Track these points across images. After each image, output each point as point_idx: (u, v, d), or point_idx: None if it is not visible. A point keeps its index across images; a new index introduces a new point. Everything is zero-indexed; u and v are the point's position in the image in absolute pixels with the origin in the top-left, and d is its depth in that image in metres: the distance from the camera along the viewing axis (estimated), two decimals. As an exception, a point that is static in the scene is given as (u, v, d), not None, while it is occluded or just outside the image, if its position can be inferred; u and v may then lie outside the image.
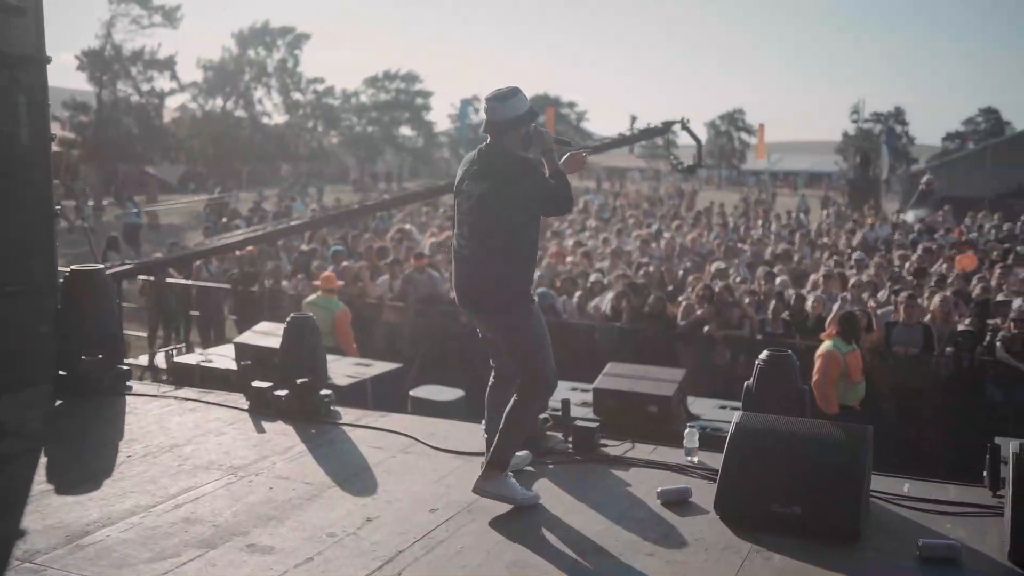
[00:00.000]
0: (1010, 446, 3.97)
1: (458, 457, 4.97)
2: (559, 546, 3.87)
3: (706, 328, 9.90)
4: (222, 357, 8.21)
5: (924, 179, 24.82)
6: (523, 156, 4.22)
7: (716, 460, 4.68)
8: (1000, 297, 10.28)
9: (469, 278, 4.31)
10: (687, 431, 4.98)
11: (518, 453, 4.50)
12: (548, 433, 5.26)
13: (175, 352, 8.68)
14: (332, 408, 5.79)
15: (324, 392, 5.81)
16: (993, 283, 11.49)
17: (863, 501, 3.98)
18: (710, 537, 3.94)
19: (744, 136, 68.25)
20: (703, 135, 57.68)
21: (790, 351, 4.95)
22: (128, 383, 6.34)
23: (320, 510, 4.23)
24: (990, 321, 9.53)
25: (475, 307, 4.39)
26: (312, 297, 9.75)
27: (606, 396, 6.99)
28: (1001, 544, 3.84)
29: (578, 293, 10.86)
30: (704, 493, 4.39)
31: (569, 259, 12.91)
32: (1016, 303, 9.49)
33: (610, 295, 10.71)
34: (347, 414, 5.75)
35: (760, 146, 55.04)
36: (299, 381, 5.73)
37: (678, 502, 4.31)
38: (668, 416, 6.64)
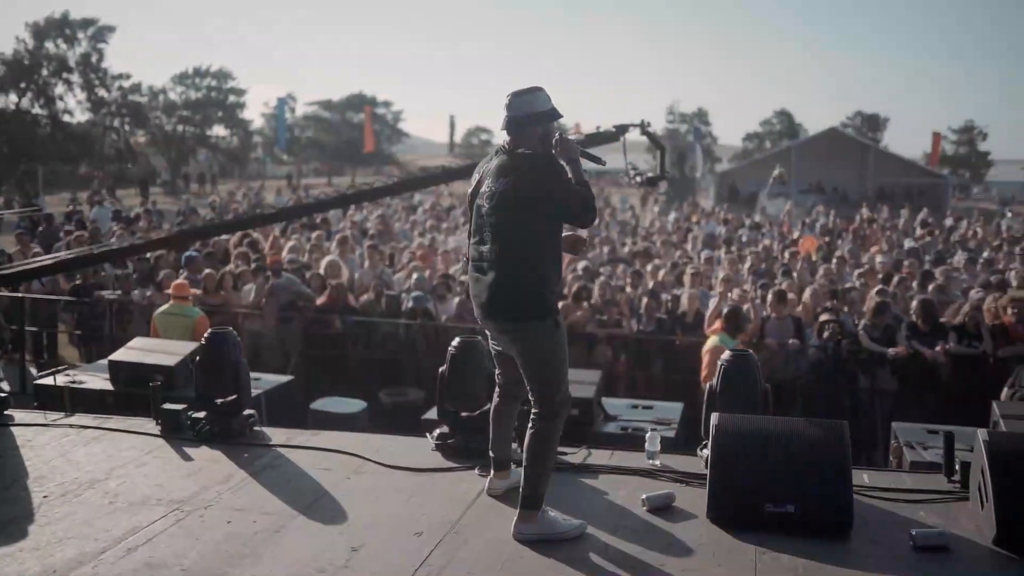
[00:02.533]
0: (978, 434, 4.16)
1: (417, 475, 4.72)
2: (569, 564, 3.72)
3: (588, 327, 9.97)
4: (93, 377, 7.49)
5: (776, 172, 26.15)
6: (548, 155, 3.96)
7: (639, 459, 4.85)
8: (848, 284, 10.90)
9: (493, 286, 3.92)
10: (648, 434, 4.95)
11: (570, 521, 4.05)
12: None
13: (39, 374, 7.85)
14: (256, 429, 5.39)
15: (248, 412, 5.40)
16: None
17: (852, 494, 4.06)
18: (712, 543, 3.91)
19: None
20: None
21: (750, 351, 5.00)
22: (6, 411, 5.67)
23: (296, 543, 3.89)
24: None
25: (498, 317, 3.99)
26: (164, 307, 9.01)
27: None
28: (976, 528, 4.02)
29: (456, 298, 10.67)
30: (682, 496, 4.38)
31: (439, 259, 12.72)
32: (872, 294, 10.07)
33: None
34: (274, 434, 5.37)
35: (576, 146, 56.52)
36: (220, 401, 5.30)
37: (664, 508, 4.26)
38: (590, 418, 6.59)
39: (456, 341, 5.18)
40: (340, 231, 15.40)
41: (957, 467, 4.58)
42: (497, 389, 4.39)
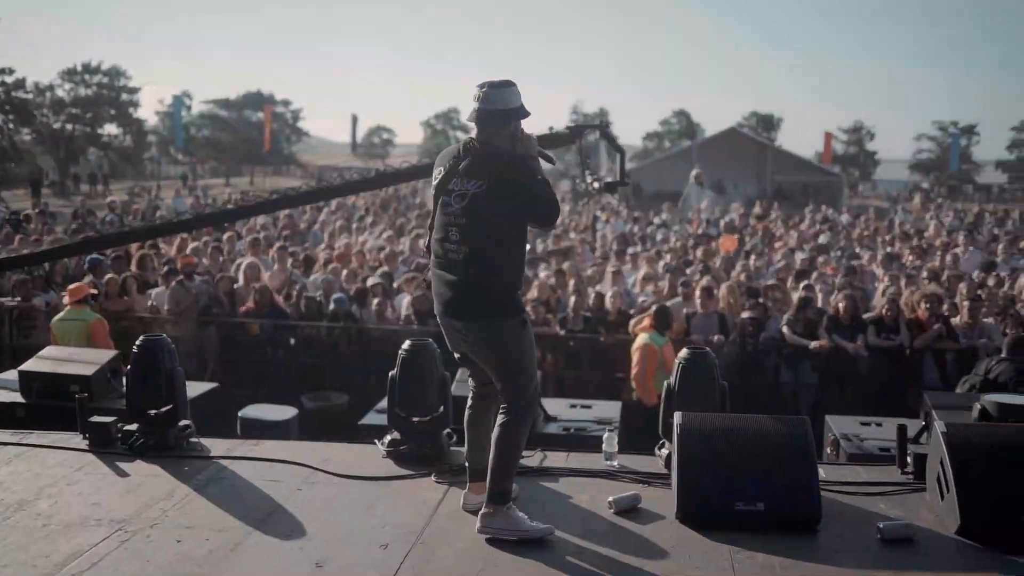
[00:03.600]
0: (936, 426, 4.22)
1: (371, 483, 4.55)
2: (544, 572, 3.62)
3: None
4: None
5: (694, 173, 26.54)
6: (521, 155, 3.86)
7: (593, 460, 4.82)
8: (771, 281, 11.11)
9: (460, 286, 3.85)
10: (606, 435, 4.89)
11: (537, 524, 3.98)
12: (453, 449, 4.97)
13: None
14: (194, 440, 5.12)
15: (185, 423, 5.13)
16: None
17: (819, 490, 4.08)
18: (684, 544, 3.86)
19: (461, 135, 69.65)
20: (418, 136, 57.72)
21: (707, 349, 4.99)
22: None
23: (255, 560, 3.68)
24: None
25: (465, 316, 3.90)
26: (61, 313, 8.51)
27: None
28: (937, 518, 4.08)
29: (376, 299, 10.43)
30: (646, 497, 4.33)
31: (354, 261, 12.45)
32: (800, 289, 10.27)
33: (408, 298, 10.41)
34: (213, 446, 5.11)
35: (479, 145, 56.57)
36: (154, 412, 5.01)
37: (630, 510, 4.20)
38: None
39: (407, 344, 5.02)
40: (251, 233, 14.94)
41: (910, 459, 4.65)
42: (471, 392, 4.26)
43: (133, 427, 5.02)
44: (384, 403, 7.12)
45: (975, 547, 3.82)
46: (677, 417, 4.30)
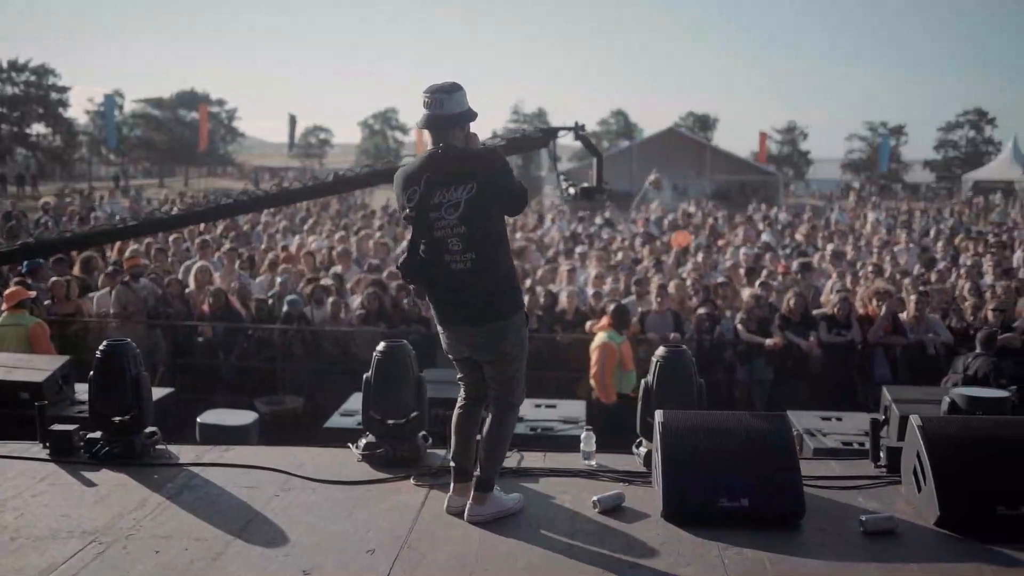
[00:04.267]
0: (911, 420, 4.30)
1: (350, 488, 4.48)
2: (537, 573, 3.59)
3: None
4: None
5: (652, 178, 26.73)
6: (499, 152, 3.87)
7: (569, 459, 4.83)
8: (721, 279, 11.23)
9: (472, 295, 3.87)
10: (584, 435, 4.88)
11: (511, 495, 4.22)
12: (430, 451, 4.92)
13: None
14: (160, 447, 4.99)
15: (150, 430, 4.98)
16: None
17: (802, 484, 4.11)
18: (673, 542, 3.86)
19: (399, 135, 69.29)
20: (355, 135, 57.04)
21: (684, 347, 5.00)
22: None
23: (240, 570, 3.59)
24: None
25: (478, 323, 3.92)
26: (-1, 319, 8.20)
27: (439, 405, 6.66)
28: (915, 510, 4.15)
29: (331, 299, 10.29)
30: (628, 495, 4.33)
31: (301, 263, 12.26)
32: (746, 289, 10.40)
33: (359, 298, 10.30)
34: (181, 452, 4.98)
35: (419, 144, 56.28)
36: (118, 419, 4.86)
37: (615, 509, 4.19)
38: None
39: (381, 346, 4.96)
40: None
41: (882, 453, 4.73)
42: (461, 394, 4.24)
43: (97, 435, 4.87)
44: (348, 405, 7.09)
45: (954, 538, 3.89)
46: (658, 415, 4.31)
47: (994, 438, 4.13)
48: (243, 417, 7.08)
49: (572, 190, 4.72)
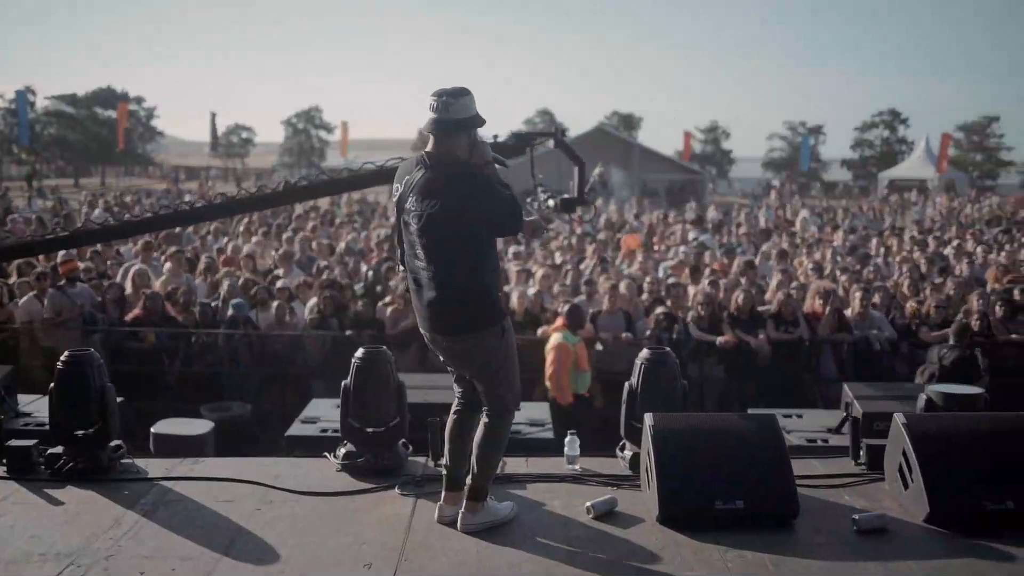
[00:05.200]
0: (896, 418, 4.35)
1: (334, 500, 4.35)
2: (541, 583, 3.53)
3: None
4: None
5: (597, 172, 26.69)
6: (476, 169, 3.76)
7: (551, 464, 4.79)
8: (672, 280, 11.30)
9: (436, 304, 3.81)
10: (568, 439, 4.83)
11: (503, 503, 4.15)
12: (411, 459, 4.81)
13: None
14: (126, 461, 4.78)
15: (116, 443, 4.77)
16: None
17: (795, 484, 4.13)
18: (672, 546, 3.84)
19: (323, 134, 68.39)
20: (279, 134, 55.95)
21: (668, 348, 4.99)
22: None
23: (233, 590, 3.44)
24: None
25: (447, 331, 3.87)
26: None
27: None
28: (902, 507, 4.20)
29: (276, 303, 10.03)
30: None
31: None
32: (697, 287, 10.49)
33: (311, 301, 10.08)
34: (149, 466, 4.78)
35: (344, 143, 55.67)
36: (81, 433, 4.64)
37: (608, 514, 4.15)
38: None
39: (360, 352, 4.83)
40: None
41: (862, 450, 4.78)
42: (456, 400, 4.16)
43: (59, 450, 4.64)
44: (309, 411, 6.91)
45: (944, 534, 3.95)
46: (648, 419, 4.28)
47: (976, 434, 4.21)
48: (198, 426, 6.87)
49: (551, 202, 4.53)
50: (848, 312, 9.74)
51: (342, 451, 4.76)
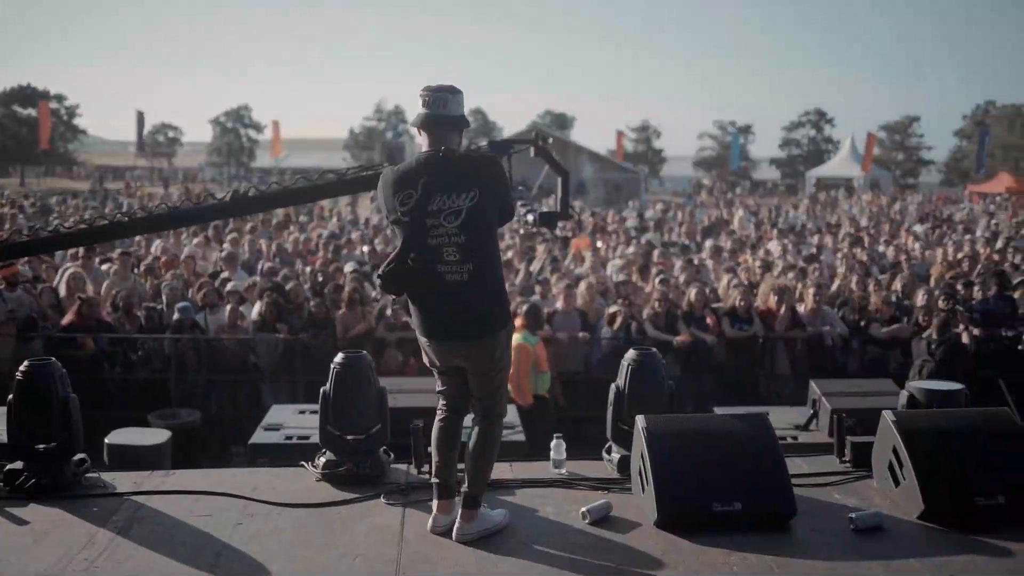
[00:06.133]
0: (884, 415, 4.36)
1: (318, 511, 4.18)
2: (548, 593, 3.43)
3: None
4: None
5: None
6: (493, 158, 3.66)
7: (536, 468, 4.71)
8: (622, 278, 11.31)
9: (469, 308, 3.67)
10: (554, 443, 4.73)
11: (496, 511, 4.05)
12: (394, 467, 4.66)
13: None
14: (91, 476, 4.54)
15: (79, 457, 4.53)
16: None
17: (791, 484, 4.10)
18: (674, 550, 3.77)
19: (252, 133, 67.22)
20: (207, 133, 54.79)
21: (654, 349, 4.92)
22: None
23: (228, 611, 3.27)
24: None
25: (472, 336, 3.73)
26: None
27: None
28: (892, 504, 4.21)
29: (228, 306, 9.73)
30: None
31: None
32: (650, 286, 10.50)
33: (258, 306, 9.81)
34: (116, 481, 4.55)
35: (275, 143, 54.80)
36: (43, 447, 4.39)
37: (604, 519, 4.07)
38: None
39: (340, 357, 4.66)
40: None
41: (847, 447, 4.79)
42: (441, 406, 4.03)
43: (18, 466, 4.38)
44: (271, 418, 6.69)
45: (940, 530, 3.96)
46: (640, 421, 4.21)
47: (965, 430, 4.24)
48: (155, 436, 6.59)
49: (531, 216, 4.36)
50: (801, 309, 9.84)
51: (322, 460, 4.59)
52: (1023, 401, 7.36)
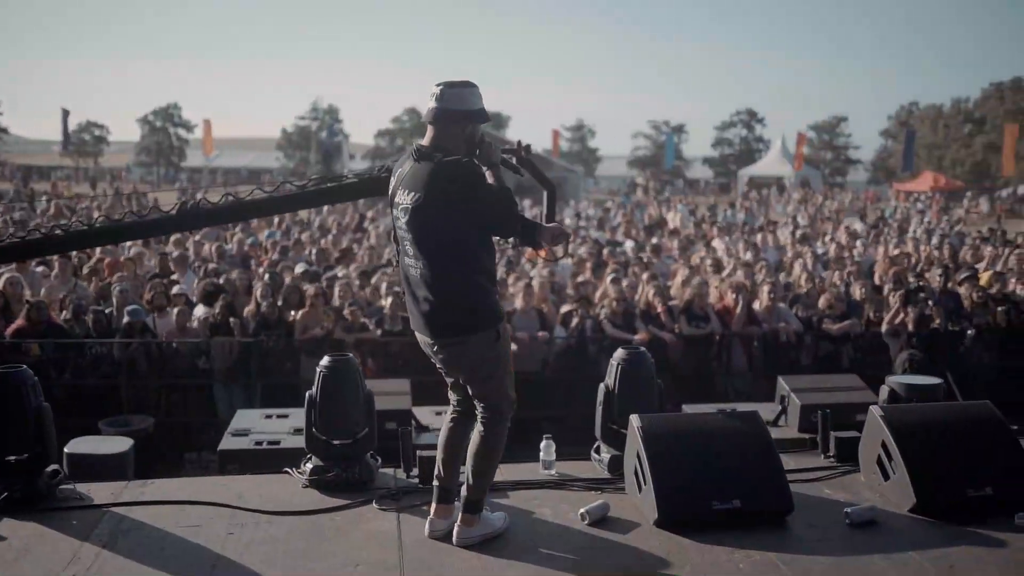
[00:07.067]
0: (872, 411, 4.42)
1: (310, 518, 4.08)
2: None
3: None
4: None
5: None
6: (468, 161, 3.56)
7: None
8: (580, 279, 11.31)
9: (425, 302, 3.62)
10: (543, 444, 4.69)
11: (495, 514, 3.97)
12: (382, 471, 4.58)
13: None
14: (66, 487, 4.36)
15: (53, 468, 4.35)
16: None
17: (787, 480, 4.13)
18: (679, 550, 3.76)
19: (182, 132, 65.79)
20: (135, 133, 53.32)
21: (643, 348, 4.91)
22: None
23: (233, 625, 3.16)
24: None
25: (436, 334, 3.66)
26: None
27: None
28: (883, 498, 4.26)
29: (176, 309, 9.49)
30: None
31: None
32: (604, 285, 10.53)
33: (201, 309, 9.58)
34: (91, 492, 4.38)
35: (207, 142, 53.70)
36: (14, 459, 4.20)
37: (602, 519, 4.04)
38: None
39: (326, 360, 4.55)
40: None
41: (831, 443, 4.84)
42: (451, 408, 3.96)
43: (-12, 479, 4.18)
44: (237, 423, 6.53)
45: (934, 523, 4.02)
46: (635, 420, 4.20)
47: (951, 423, 4.33)
48: (117, 444, 6.36)
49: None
50: (757, 306, 9.96)
51: (308, 466, 4.48)
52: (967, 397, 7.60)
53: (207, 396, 9.42)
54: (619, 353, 4.81)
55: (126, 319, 9.10)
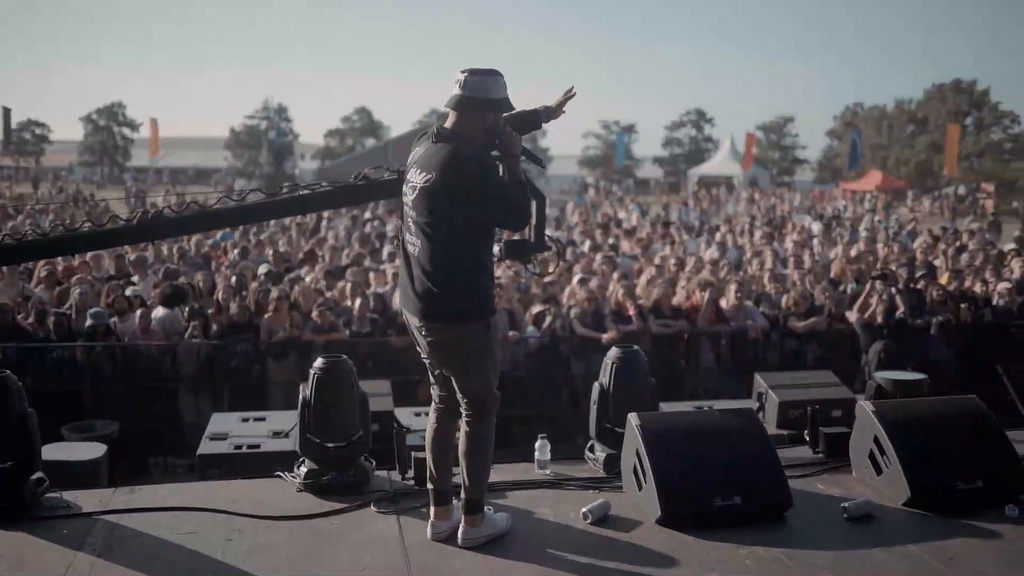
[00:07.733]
0: (864, 406, 4.48)
1: (310, 523, 4.02)
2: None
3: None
4: None
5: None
6: (479, 151, 3.53)
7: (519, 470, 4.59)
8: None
9: (418, 282, 3.61)
10: (539, 443, 4.68)
11: (498, 514, 3.95)
12: (377, 474, 4.52)
13: None
14: (51, 495, 4.24)
15: (37, 475, 4.23)
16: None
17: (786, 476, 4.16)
18: (683, 548, 3.78)
19: (127, 131, 64.60)
20: (77, 132, 52.22)
21: (637, 347, 4.92)
22: None
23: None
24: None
25: (425, 316, 3.62)
26: None
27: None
28: (876, 492, 4.33)
29: (139, 312, 9.29)
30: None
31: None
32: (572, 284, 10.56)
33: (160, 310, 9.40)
34: (79, 500, 4.26)
35: (154, 141, 52.82)
36: (-1, 467, 4.08)
37: (604, 518, 4.04)
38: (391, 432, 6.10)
39: (320, 361, 4.48)
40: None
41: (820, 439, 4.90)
42: (434, 406, 3.91)
43: (-30, 487, 4.05)
44: (214, 427, 6.43)
45: (928, 516, 4.09)
46: (633, 418, 4.21)
47: (940, 418, 4.41)
48: (89, 450, 6.23)
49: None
50: (724, 304, 10.05)
51: (302, 469, 4.41)
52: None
53: (172, 400, 9.25)
54: (613, 352, 4.82)
55: (89, 322, 8.90)
